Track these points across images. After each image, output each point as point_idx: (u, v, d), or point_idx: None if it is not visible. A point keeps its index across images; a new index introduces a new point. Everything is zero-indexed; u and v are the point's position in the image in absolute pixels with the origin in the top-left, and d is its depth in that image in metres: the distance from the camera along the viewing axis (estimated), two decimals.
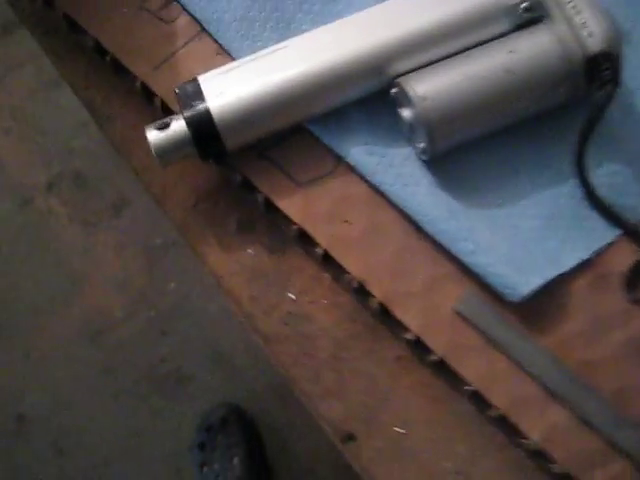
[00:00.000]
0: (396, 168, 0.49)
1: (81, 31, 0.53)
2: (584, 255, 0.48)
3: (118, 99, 0.54)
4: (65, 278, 1.43)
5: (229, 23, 0.52)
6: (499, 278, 0.47)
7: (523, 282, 0.47)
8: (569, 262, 0.48)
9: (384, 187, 0.49)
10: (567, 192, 0.49)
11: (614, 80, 0.46)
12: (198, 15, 0.53)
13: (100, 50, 0.53)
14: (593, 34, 0.45)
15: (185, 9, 0.53)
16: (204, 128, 0.46)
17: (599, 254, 0.49)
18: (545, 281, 0.47)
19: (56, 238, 1.46)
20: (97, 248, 1.45)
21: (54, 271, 1.44)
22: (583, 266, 0.48)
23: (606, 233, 0.49)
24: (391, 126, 0.49)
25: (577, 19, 0.45)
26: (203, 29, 0.53)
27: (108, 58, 0.52)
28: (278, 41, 0.50)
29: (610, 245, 0.49)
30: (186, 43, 0.52)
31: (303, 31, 0.50)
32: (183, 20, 0.53)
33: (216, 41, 0.52)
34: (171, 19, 0.53)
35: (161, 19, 0.53)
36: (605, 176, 0.49)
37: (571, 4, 0.46)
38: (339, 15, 0.51)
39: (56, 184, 1.48)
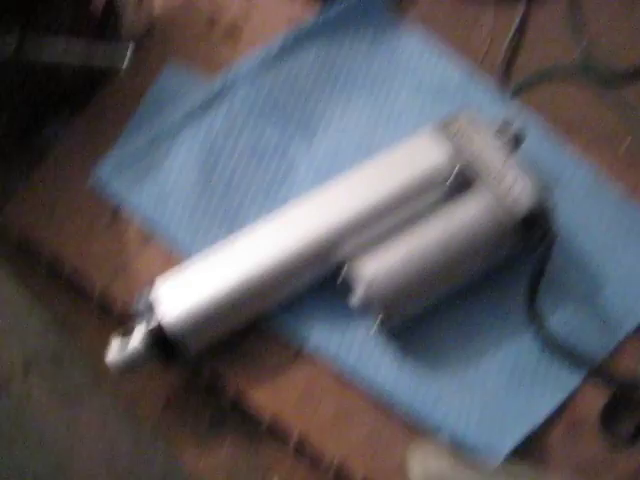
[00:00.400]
0: (357, 348, 0.49)
1: (33, 251, 0.54)
2: (554, 404, 0.49)
3: (78, 309, 0.55)
4: (50, 460, 1.38)
5: (178, 222, 0.54)
6: (473, 446, 0.47)
7: (498, 446, 0.47)
8: (540, 414, 0.48)
9: (347, 369, 0.49)
10: (527, 342, 0.50)
11: (549, 234, 0.48)
12: (147, 218, 0.54)
13: (54, 268, 0.54)
14: (519, 199, 0.47)
15: (134, 214, 0.54)
16: (162, 346, 0.47)
17: (569, 400, 0.49)
18: (519, 440, 0.47)
19: (37, 419, 1.42)
20: (80, 425, 1.40)
21: (38, 454, 1.39)
22: (555, 415, 0.49)
23: (572, 377, 0.50)
24: (346, 306, 0.49)
25: (502, 186, 0.47)
26: (154, 230, 0.54)
27: (64, 274, 0.54)
28: (228, 232, 0.51)
29: (578, 389, 0.49)
30: (139, 248, 0.54)
31: (251, 220, 0.52)
32: (134, 226, 0.54)
33: (168, 240, 0.54)
34: (122, 227, 0.54)
35: (112, 229, 0.54)
36: (561, 321, 0.50)
37: (494, 172, 0.48)
38: (283, 200, 0.53)
39: (33, 365, 1.46)
